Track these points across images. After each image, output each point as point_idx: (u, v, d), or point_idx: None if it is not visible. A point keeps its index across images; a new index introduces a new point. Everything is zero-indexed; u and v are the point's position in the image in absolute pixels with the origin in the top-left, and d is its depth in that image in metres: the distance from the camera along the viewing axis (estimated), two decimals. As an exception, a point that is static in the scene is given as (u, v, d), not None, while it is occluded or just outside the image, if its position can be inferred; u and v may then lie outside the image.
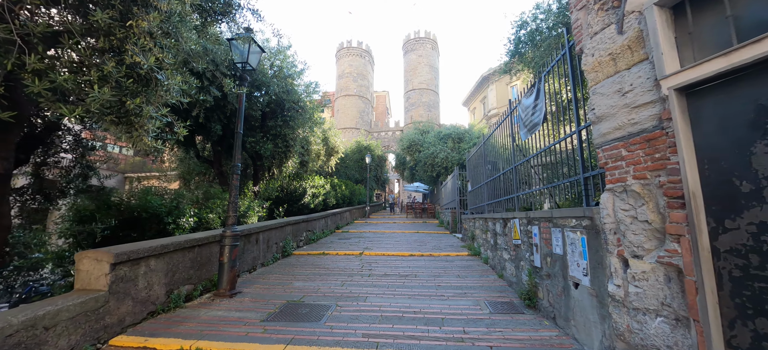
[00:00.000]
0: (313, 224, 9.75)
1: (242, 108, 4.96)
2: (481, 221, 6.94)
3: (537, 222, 3.82)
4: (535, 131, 4.49)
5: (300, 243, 8.52)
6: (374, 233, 11.45)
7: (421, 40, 54.07)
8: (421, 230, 12.19)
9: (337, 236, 10.82)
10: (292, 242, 7.74)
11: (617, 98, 2.46)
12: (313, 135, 11.08)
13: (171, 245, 3.88)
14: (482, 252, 6.77)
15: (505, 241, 5.15)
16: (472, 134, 17.54)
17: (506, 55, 9.12)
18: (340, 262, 6.62)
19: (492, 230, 5.96)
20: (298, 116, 9.06)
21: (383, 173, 28.30)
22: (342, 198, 15.09)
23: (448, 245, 8.48)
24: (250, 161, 9.31)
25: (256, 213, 7.30)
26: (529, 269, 4.01)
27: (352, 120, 52.41)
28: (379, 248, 8.07)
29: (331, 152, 14.59)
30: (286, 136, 8.69)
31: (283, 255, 7.21)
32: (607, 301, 2.53)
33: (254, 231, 5.99)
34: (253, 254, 5.97)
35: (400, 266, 6.19)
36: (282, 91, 8.66)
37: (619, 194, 2.43)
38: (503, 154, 5.94)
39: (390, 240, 9.63)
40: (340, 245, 8.66)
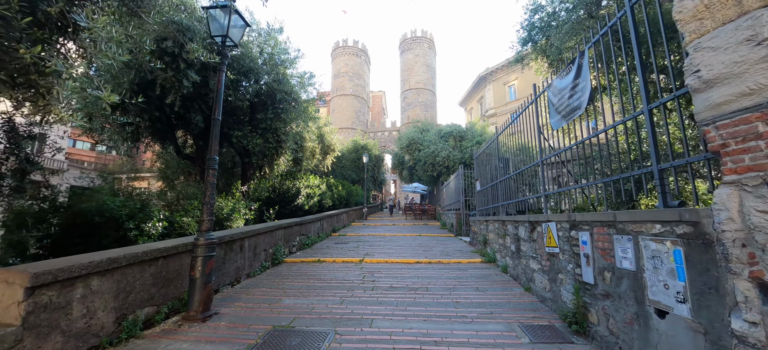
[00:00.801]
0: (307, 227, 8.91)
1: (221, 90, 4.13)
2: (496, 225, 6.18)
3: (587, 227, 3.05)
4: (575, 116, 3.73)
5: (293, 249, 7.68)
6: (374, 237, 10.64)
7: (417, 40, 53.47)
8: (423, 233, 11.41)
9: (333, 240, 9.98)
10: (283, 249, 6.90)
11: (747, 49, 1.70)
12: (308, 131, 10.25)
13: (123, 258, 3.03)
14: (499, 259, 6.00)
15: (533, 248, 4.38)
16: (474, 132, 16.84)
17: (518, 42, 8.40)
18: (338, 271, 5.80)
19: (513, 235, 5.19)
20: (290, 109, 8.23)
21: (380, 174, 27.52)
22: (338, 199, 14.26)
23: (457, 250, 7.71)
24: (238, 157, 8.46)
25: (242, 216, 6.45)
26: (574, 285, 3.24)
27: (348, 120, 51.56)
28: (381, 254, 7.26)
29: (327, 150, 13.76)
30: (277, 130, 7.85)
31: (273, 264, 6.36)
32: (727, 342, 1.76)
33: (238, 237, 5.15)
34: (237, 263, 5.12)
35: (407, 276, 5.39)
36: (273, 80, 7.83)
37: (752, 188, 1.66)
38: (527, 148, 5.17)
39: (391, 245, 8.83)
40: (338, 251, 7.84)
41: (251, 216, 6.92)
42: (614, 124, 3.09)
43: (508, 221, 5.44)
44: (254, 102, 7.74)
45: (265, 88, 8.23)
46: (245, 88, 7.66)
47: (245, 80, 7.14)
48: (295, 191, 9.66)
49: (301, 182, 9.87)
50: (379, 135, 49.83)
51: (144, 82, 5.71)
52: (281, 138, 7.85)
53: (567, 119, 3.91)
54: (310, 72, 8.94)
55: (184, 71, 5.50)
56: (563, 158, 4.26)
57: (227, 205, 6.09)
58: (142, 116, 5.90)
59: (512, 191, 6.33)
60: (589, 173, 4.39)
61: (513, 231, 5.19)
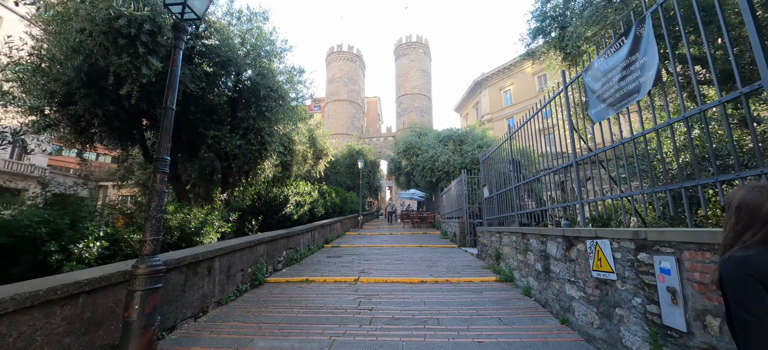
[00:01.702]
0: (296, 239, 7.95)
1: (176, 71, 3.24)
2: (513, 237, 5.31)
3: (671, 250, 2.20)
4: (631, 102, 2.92)
5: (278, 266, 6.71)
6: (370, 249, 9.70)
7: (413, 45, 53.17)
8: (424, 244, 10.51)
9: (325, 253, 9.03)
10: (266, 267, 5.94)
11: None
12: (297, 132, 9.35)
13: (12, 299, 2.09)
14: (518, 278, 5.13)
15: (570, 270, 3.52)
16: (474, 135, 16.10)
17: (528, 34, 7.65)
18: (329, 295, 4.87)
19: (538, 252, 4.32)
20: (277, 107, 7.33)
21: (376, 180, 26.65)
22: (332, 207, 13.31)
23: (465, 265, 6.82)
24: (217, 161, 7.51)
25: (215, 230, 5.50)
26: (648, 329, 2.38)
27: (342, 126, 50.76)
28: (379, 272, 6.34)
29: (320, 154, 12.85)
30: (260, 130, 6.94)
31: (252, 285, 5.40)
32: None
33: (205, 256, 4.19)
34: (203, 290, 4.16)
35: (411, 302, 4.48)
36: (256, 74, 6.94)
37: None
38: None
39: (390, 258, 7.91)
40: (330, 268, 6.89)
41: (228, 229, 5.96)
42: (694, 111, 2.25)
43: (531, 235, 4.58)
44: (234, 98, 6.85)
45: (248, 84, 7.34)
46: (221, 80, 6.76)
47: (223, 73, 6.23)
48: (282, 199, 8.72)
49: (289, 189, 8.94)
50: (374, 141, 49.05)
51: (96, 70, 4.78)
52: (265, 139, 6.94)
53: (617, 107, 3.09)
54: (300, 67, 8.08)
55: (144, 57, 4.59)
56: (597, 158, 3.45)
57: (195, 217, 5.13)
58: (94, 111, 4.95)
59: (531, 198, 5.48)
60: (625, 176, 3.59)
61: (538, 247, 4.32)
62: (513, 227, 5.43)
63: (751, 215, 1.08)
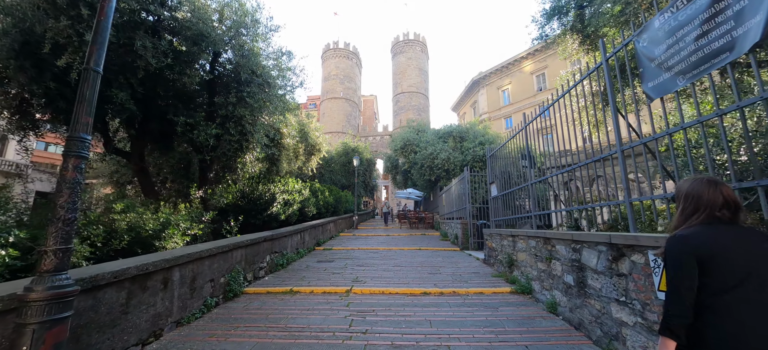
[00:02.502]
0: (282, 242, 7.13)
1: (107, 20, 2.41)
2: (532, 242, 4.55)
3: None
4: (720, 64, 2.16)
5: (260, 273, 5.89)
6: (365, 252, 8.91)
7: (410, 43, 52.40)
8: (424, 246, 9.73)
9: (316, 257, 8.21)
10: (243, 275, 5.12)
11: None
12: (286, 125, 8.52)
13: None
14: (538, 290, 4.37)
15: (619, 287, 2.76)
16: (475, 132, 15.37)
17: (542, 16, 6.91)
18: (315, 312, 4.07)
19: (569, 261, 3.57)
20: (261, 94, 6.49)
21: (372, 179, 25.86)
22: (325, 206, 12.49)
23: (472, 273, 6.05)
24: (194, 153, 6.66)
25: (181, 233, 4.65)
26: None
27: (338, 124, 49.85)
28: (375, 280, 5.55)
29: (312, 150, 12.02)
30: (241, 119, 6.10)
31: (225, 298, 4.58)
32: None
33: (158, 267, 3.36)
34: (154, 309, 3.34)
35: (414, 321, 3.70)
36: (237, 55, 6.11)
37: None
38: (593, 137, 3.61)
39: (387, 263, 7.12)
40: (319, 275, 6.08)
41: (199, 232, 5.12)
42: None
43: (558, 240, 3.82)
44: (211, 82, 6.01)
45: (229, 66, 6.50)
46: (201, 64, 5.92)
47: (196, 49, 5.38)
48: (268, 198, 7.88)
49: (276, 187, 8.11)
50: (370, 140, 48.22)
51: (32, 38, 3.92)
52: (247, 129, 6.10)
53: (693, 73, 2.33)
54: (289, 51, 7.25)
55: (89, 22, 3.74)
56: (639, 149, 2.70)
57: (154, 218, 4.28)
58: (31, 88, 4.08)
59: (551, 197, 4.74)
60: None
61: (568, 255, 3.57)
62: (531, 231, 4.67)
63: (696, 202, 1.29)
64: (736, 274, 1.14)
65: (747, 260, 1.15)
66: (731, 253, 1.17)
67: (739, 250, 1.17)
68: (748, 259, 1.15)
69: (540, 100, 32.91)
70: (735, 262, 1.15)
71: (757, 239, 1.21)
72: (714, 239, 1.20)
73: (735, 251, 1.17)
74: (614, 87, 3.33)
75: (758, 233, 1.27)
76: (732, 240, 1.20)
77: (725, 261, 1.15)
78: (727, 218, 1.24)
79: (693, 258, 1.17)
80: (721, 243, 1.19)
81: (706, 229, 1.23)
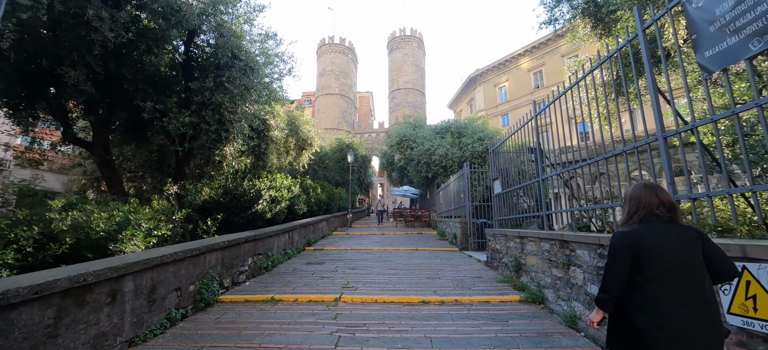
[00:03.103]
0: (267, 242, 6.54)
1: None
2: (546, 245, 4.03)
3: None
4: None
5: (240, 277, 5.30)
6: (358, 253, 8.35)
7: (406, 38, 51.71)
8: (420, 247, 9.20)
9: (305, 258, 7.63)
10: (219, 281, 4.53)
11: None
12: (274, 116, 7.89)
13: None
14: (552, 300, 3.85)
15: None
16: (474, 127, 14.86)
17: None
18: (297, 326, 3.50)
19: (592, 268, 3.04)
20: (243, 80, 5.87)
21: (367, 176, 25.28)
22: (317, 204, 11.89)
23: (474, 278, 5.53)
24: (171, 146, 6.02)
25: (143, 234, 4.04)
26: None
27: (333, 120, 49.10)
28: (368, 286, 5.00)
29: (304, 144, 11.39)
30: (219, 106, 5.48)
31: (195, 308, 3.99)
32: None
33: (103, 277, 2.76)
34: (99, 328, 2.74)
35: (411, 337, 3.16)
36: (216, 36, 5.49)
37: None
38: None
39: (382, 266, 6.58)
40: (306, 280, 5.51)
41: (166, 232, 4.50)
42: None
43: (579, 244, 3.29)
44: (187, 64, 5.38)
45: (207, 49, 5.87)
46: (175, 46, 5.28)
47: (167, 26, 4.73)
48: (254, 194, 7.27)
49: (263, 182, 7.49)
50: (366, 137, 47.62)
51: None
52: (225, 118, 5.48)
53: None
54: (275, 33, 6.62)
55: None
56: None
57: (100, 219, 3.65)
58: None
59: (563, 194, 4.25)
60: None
61: (594, 262, 3.04)
62: (544, 232, 4.15)
63: (637, 203, 1.49)
64: (663, 267, 1.32)
65: (675, 256, 1.32)
66: (661, 248, 1.35)
67: (668, 245, 1.35)
68: (676, 255, 1.33)
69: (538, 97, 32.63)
70: (663, 256, 1.33)
71: (686, 237, 1.37)
72: (649, 235, 1.38)
73: (664, 247, 1.35)
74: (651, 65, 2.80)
75: (690, 232, 1.40)
76: (662, 237, 1.37)
77: (655, 254, 1.34)
78: (664, 215, 1.43)
79: (629, 250, 1.37)
80: (654, 240, 1.37)
81: (643, 226, 1.43)
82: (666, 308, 1.25)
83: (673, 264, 1.30)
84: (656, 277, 1.31)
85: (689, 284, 1.27)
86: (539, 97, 32.04)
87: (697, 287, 1.27)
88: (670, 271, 1.29)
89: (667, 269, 1.30)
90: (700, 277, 1.29)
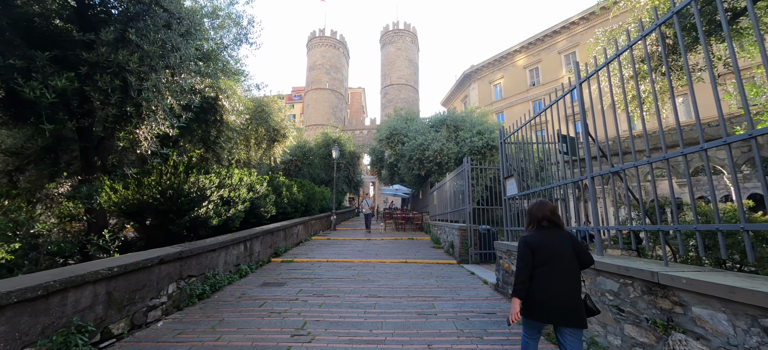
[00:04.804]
0: (204, 260, 4.90)
1: None
2: (612, 284, 2.49)
3: None
4: None
5: (148, 316, 3.67)
6: (334, 266, 6.76)
7: (400, 33, 50.07)
8: (411, 258, 7.65)
9: (264, 275, 6.01)
10: (91, 331, 2.89)
11: None
12: (227, 95, 6.21)
13: None
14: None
15: None
16: (472, 120, 13.38)
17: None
18: None
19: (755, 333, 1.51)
20: (165, 37, 4.19)
21: (356, 174, 23.61)
22: (292, 205, 10.23)
23: (485, 313, 3.98)
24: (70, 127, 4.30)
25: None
26: None
27: (323, 116, 47.22)
28: (331, 331, 3.41)
29: (276, 135, 9.69)
30: (122, 69, 3.80)
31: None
32: None
33: None
34: None
35: None
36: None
37: None
38: None
39: (361, 290, 5.01)
40: (251, 313, 3.90)
41: (9, 257, 2.83)
42: None
43: (702, 297, 1.76)
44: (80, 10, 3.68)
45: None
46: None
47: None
48: (196, 195, 5.60)
49: (209, 180, 5.83)
50: (357, 134, 45.89)
51: None
52: (132, 86, 3.80)
53: None
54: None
55: None
56: None
57: None
58: None
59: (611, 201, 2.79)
60: None
61: (744, 340, 1.51)
62: (611, 260, 2.61)
63: (532, 216, 2.23)
64: (545, 256, 2.04)
65: (552, 249, 2.06)
66: (545, 246, 2.07)
67: (551, 244, 2.08)
68: (553, 248, 2.06)
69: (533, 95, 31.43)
70: (546, 250, 2.05)
71: (562, 238, 2.10)
72: (539, 238, 2.11)
73: (548, 245, 2.07)
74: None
75: (565, 234, 2.13)
76: (548, 239, 2.10)
77: (542, 250, 2.06)
78: (548, 224, 2.16)
79: (529, 249, 2.08)
80: (542, 240, 2.10)
81: (537, 232, 2.17)
82: (546, 281, 2.00)
83: (552, 255, 2.04)
84: (542, 263, 2.03)
85: (561, 267, 2.02)
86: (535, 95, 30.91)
87: (566, 268, 2.02)
88: (549, 259, 2.03)
89: (548, 258, 2.03)
90: (569, 263, 2.04)
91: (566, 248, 2.04)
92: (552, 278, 1.98)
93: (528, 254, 2.05)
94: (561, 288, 1.96)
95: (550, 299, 1.96)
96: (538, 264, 2.02)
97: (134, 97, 3.78)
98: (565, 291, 1.96)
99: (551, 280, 1.98)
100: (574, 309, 1.94)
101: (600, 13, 26.13)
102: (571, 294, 1.96)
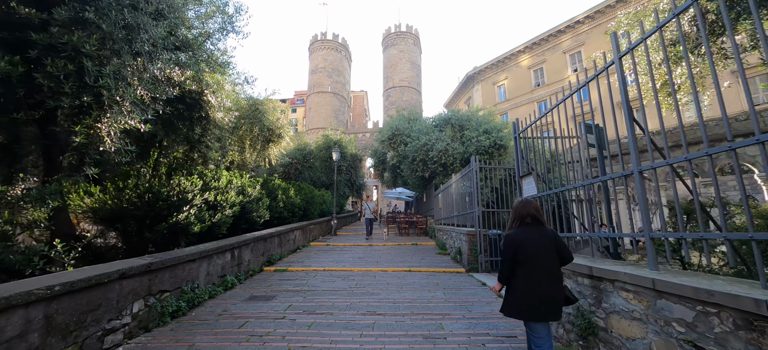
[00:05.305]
0: (182, 272, 4.35)
1: None
2: (684, 312, 1.88)
3: None
4: None
5: (105, 341, 3.10)
6: (331, 276, 6.17)
7: (402, 35, 49.68)
8: (415, 267, 7.03)
9: (252, 288, 5.44)
10: (18, 369, 2.32)
11: None
12: (213, 89, 5.69)
13: None
14: None
15: None
16: (477, 119, 12.77)
17: None
18: None
19: None
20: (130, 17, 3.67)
21: (358, 177, 23.05)
22: (288, 209, 9.67)
23: (504, 337, 3.37)
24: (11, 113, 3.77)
25: None
26: None
27: (325, 120, 46.80)
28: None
29: (271, 136, 9.17)
30: (77, 53, 3.28)
31: None
32: None
33: None
34: None
35: None
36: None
37: None
38: None
39: (359, 306, 4.41)
40: (229, 337, 3.31)
41: None
42: None
43: None
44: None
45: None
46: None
47: None
48: (176, 198, 5.06)
49: (191, 182, 5.29)
50: (359, 137, 45.45)
51: None
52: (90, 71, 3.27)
53: None
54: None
55: None
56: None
57: None
58: None
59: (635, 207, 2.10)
60: None
61: None
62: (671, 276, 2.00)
63: (516, 213, 2.39)
64: (528, 254, 2.20)
65: (535, 247, 2.21)
66: (528, 243, 2.22)
67: (533, 241, 2.23)
68: (535, 245, 2.22)
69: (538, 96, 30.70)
70: (529, 247, 2.21)
71: (544, 235, 2.26)
72: (522, 235, 2.27)
73: (530, 242, 2.23)
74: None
75: (547, 231, 2.29)
76: (530, 236, 2.25)
77: (525, 247, 2.21)
78: (530, 222, 2.32)
79: (513, 245, 2.25)
80: (525, 237, 2.25)
81: (520, 229, 2.32)
82: (529, 277, 2.18)
83: (534, 252, 2.19)
84: (525, 260, 2.20)
85: (543, 264, 2.18)
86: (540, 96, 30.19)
87: (548, 266, 2.19)
88: (532, 256, 2.19)
89: (530, 255, 2.19)
90: (550, 260, 2.20)
91: (548, 245, 2.23)
92: (534, 280, 2.18)
93: (511, 251, 2.26)
94: (543, 291, 2.17)
95: (533, 300, 2.17)
96: (521, 262, 2.23)
97: (91, 84, 3.26)
98: (547, 292, 2.17)
99: (532, 283, 2.18)
100: (554, 306, 2.18)
101: (606, 11, 25.49)
102: (553, 292, 2.19)
